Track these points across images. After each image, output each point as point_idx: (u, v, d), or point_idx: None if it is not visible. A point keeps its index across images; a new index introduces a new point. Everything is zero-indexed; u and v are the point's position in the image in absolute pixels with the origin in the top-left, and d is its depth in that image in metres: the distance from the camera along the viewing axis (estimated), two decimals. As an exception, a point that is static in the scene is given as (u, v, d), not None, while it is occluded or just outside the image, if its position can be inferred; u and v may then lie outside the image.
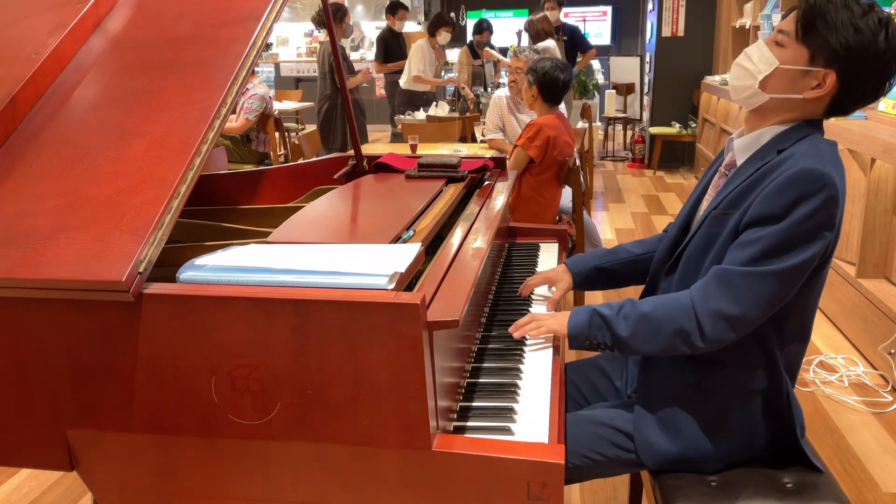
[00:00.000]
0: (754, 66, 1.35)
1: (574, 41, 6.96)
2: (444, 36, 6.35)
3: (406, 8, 6.61)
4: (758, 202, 1.28)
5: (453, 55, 9.15)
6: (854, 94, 1.31)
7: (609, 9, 10.44)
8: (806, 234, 1.25)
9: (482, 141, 4.59)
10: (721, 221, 1.36)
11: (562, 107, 3.44)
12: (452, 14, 8.51)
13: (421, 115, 5.72)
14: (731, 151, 1.44)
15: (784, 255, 1.25)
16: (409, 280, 1.23)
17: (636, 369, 1.59)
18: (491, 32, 7.03)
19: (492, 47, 7.07)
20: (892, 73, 1.29)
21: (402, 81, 6.40)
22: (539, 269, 2.03)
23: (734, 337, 1.30)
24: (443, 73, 6.95)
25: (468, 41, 7.25)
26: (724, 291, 1.28)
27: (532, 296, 1.84)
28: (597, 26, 10.52)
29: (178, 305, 1.14)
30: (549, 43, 5.55)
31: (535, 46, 5.36)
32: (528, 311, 1.73)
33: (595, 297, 3.89)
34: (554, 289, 1.78)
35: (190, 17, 1.58)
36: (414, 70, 6.26)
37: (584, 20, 10.37)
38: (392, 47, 6.57)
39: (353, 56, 10.46)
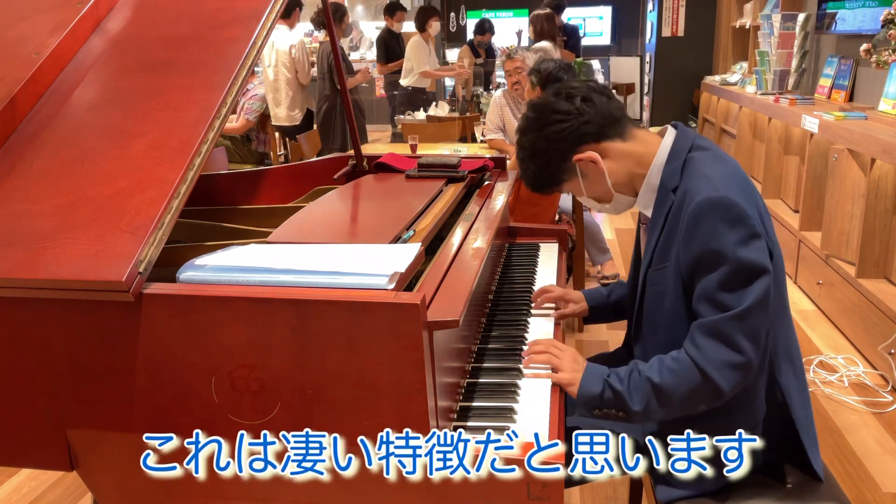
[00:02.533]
0: (596, 204, 1.50)
1: (569, 42, 6.96)
2: (434, 27, 6.34)
3: (404, 10, 6.61)
4: (683, 250, 1.31)
5: (453, 55, 9.16)
6: (593, 135, 1.40)
7: (609, 9, 10.44)
8: (745, 254, 1.24)
9: (482, 141, 4.59)
10: (660, 277, 1.39)
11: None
12: (452, 14, 8.53)
13: (421, 115, 5.72)
14: (641, 211, 1.50)
15: (747, 284, 1.24)
16: (409, 280, 1.23)
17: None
18: (493, 33, 7.02)
19: (492, 48, 7.06)
20: (565, 110, 1.40)
21: (404, 80, 6.39)
22: (539, 269, 2.03)
23: (749, 379, 1.28)
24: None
25: (468, 40, 7.24)
26: (719, 343, 1.26)
27: (534, 285, 1.84)
28: (597, 26, 10.51)
29: (178, 305, 1.14)
30: (546, 44, 5.53)
31: (531, 46, 5.36)
32: (528, 310, 1.73)
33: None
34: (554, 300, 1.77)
35: (190, 17, 1.58)
36: (418, 67, 6.25)
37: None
38: (392, 48, 6.57)
39: (353, 56, 10.44)
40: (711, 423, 1.36)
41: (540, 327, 1.66)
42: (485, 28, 6.92)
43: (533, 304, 1.76)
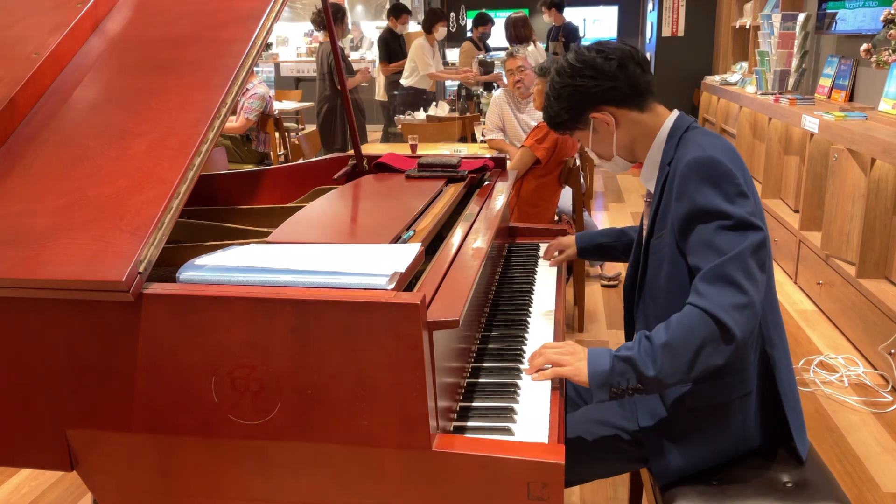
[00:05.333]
0: (596, 158, 1.61)
1: (568, 42, 6.93)
2: (440, 31, 6.33)
3: (409, 12, 6.61)
4: (675, 209, 1.38)
5: (453, 55, 9.14)
6: (616, 100, 1.49)
7: (615, 8, 10.42)
8: (733, 208, 1.31)
9: (482, 141, 4.59)
10: (658, 245, 1.47)
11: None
12: (452, 14, 8.52)
13: (421, 115, 5.72)
14: (645, 185, 1.60)
15: (744, 229, 1.30)
16: (409, 280, 1.23)
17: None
18: (493, 24, 6.97)
19: (488, 47, 7.03)
20: (600, 68, 1.47)
21: (405, 80, 6.39)
22: (539, 269, 2.03)
23: (756, 322, 1.28)
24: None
25: (468, 36, 7.19)
26: (722, 286, 1.27)
27: (534, 285, 1.84)
28: (602, 29, 10.51)
29: (178, 305, 1.14)
30: (529, 49, 5.52)
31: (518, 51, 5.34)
32: (529, 310, 1.74)
33: (595, 295, 3.89)
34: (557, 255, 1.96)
35: (190, 17, 1.58)
36: (423, 68, 6.24)
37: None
38: (393, 48, 6.56)
39: (353, 56, 10.45)
40: (705, 389, 1.40)
41: (540, 327, 1.66)
42: (486, 19, 6.88)
43: (548, 261, 1.99)
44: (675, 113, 1.52)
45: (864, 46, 3.78)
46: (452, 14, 10.27)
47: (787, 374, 1.44)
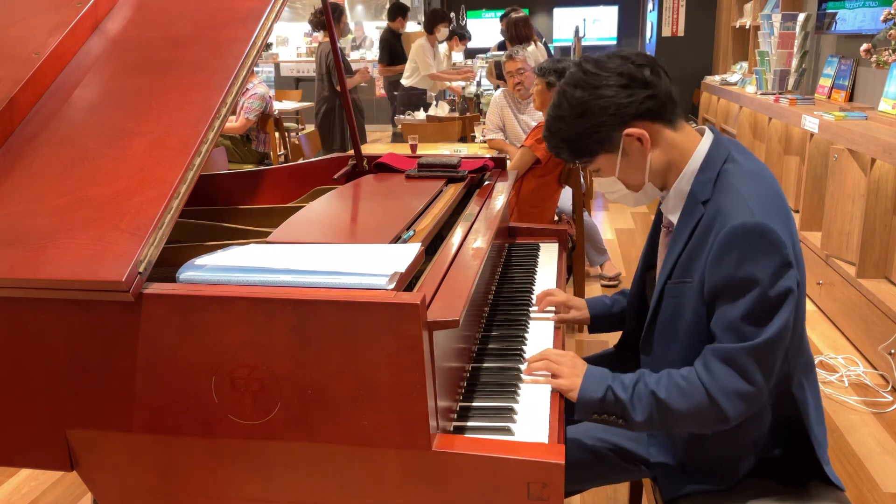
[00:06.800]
0: (619, 190, 1.40)
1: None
2: (442, 32, 6.33)
3: (409, 9, 6.64)
4: (710, 271, 1.25)
5: (454, 55, 9.13)
6: (652, 113, 1.30)
7: (615, 8, 10.43)
8: (774, 285, 1.20)
9: (482, 141, 4.59)
10: (679, 291, 1.33)
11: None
12: (452, 14, 8.52)
13: (421, 115, 5.72)
14: (666, 214, 1.43)
15: (772, 316, 1.21)
16: (409, 280, 1.23)
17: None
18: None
19: (502, 45, 7.00)
20: (632, 76, 1.29)
21: (405, 81, 6.39)
22: (539, 269, 2.03)
23: (756, 408, 1.26)
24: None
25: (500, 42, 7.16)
26: (732, 372, 1.23)
27: (534, 285, 1.84)
28: (604, 28, 10.51)
29: (178, 305, 1.14)
30: (529, 48, 5.50)
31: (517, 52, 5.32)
32: (528, 310, 1.73)
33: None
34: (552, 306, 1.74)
35: (190, 17, 1.58)
36: (424, 69, 6.23)
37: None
38: (395, 50, 6.57)
39: (354, 56, 10.46)
40: (722, 437, 1.35)
41: (540, 329, 1.66)
42: (503, 16, 6.86)
43: (536, 307, 1.72)
44: (709, 137, 1.35)
45: (864, 46, 3.78)
46: (452, 14, 10.28)
47: (817, 413, 1.38)
